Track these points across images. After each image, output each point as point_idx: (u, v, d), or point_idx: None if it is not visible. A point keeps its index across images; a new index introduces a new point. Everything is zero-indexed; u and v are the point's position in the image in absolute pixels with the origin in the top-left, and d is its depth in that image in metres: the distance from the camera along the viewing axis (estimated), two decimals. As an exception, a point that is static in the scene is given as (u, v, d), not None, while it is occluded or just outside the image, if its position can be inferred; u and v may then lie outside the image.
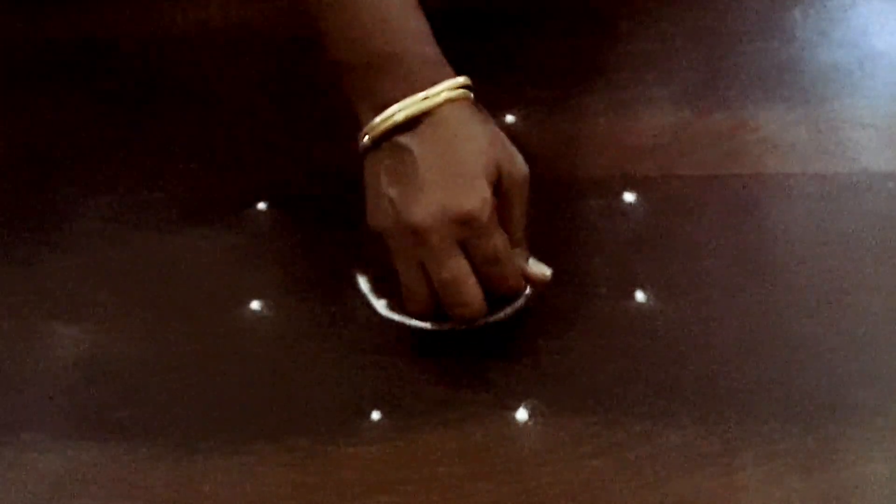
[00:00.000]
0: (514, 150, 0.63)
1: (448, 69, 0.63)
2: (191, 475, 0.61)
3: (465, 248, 0.61)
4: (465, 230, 0.61)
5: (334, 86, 0.65)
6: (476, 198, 0.60)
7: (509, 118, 0.74)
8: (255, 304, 0.67)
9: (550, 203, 0.70)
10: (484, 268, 0.62)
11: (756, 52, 0.77)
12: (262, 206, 0.71)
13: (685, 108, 0.74)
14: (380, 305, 0.66)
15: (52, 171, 0.73)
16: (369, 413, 0.63)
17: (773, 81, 0.75)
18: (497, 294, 0.63)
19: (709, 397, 0.63)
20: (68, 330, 0.66)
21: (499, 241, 0.62)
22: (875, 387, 0.63)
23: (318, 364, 0.65)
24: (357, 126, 0.63)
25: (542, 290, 0.65)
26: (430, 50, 0.63)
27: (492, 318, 0.64)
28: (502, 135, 0.64)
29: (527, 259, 0.65)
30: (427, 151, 0.61)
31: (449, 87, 0.62)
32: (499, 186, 0.62)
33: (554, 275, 0.66)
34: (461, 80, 0.63)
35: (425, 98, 0.61)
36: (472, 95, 0.64)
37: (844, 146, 0.72)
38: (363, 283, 0.67)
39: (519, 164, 0.63)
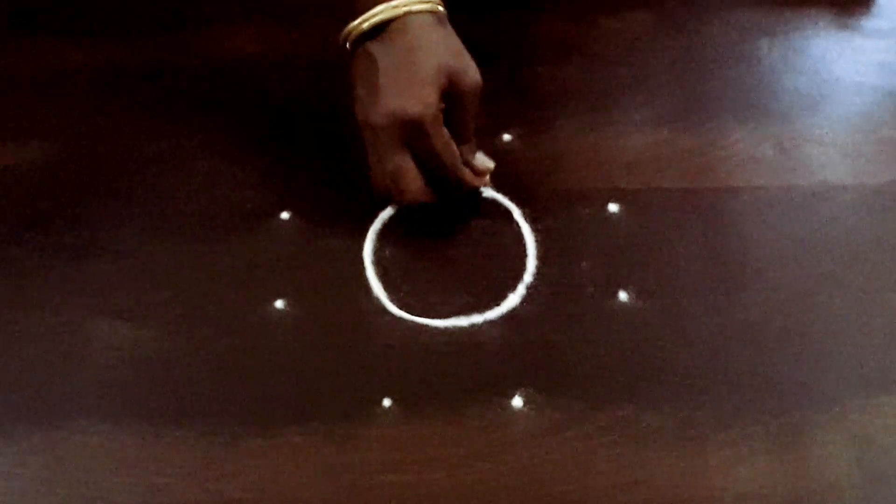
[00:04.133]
0: (469, 62, 0.64)
1: None
2: (221, 456, 0.63)
3: (412, 146, 0.65)
4: (407, 131, 0.63)
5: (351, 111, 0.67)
6: (420, 104, 0.63)
7: (507, 137, 0.75)
8: (278, 303, 0.68)
9: (543, 212, 0.71)
10: (427, 162, 0.65)
11: (727, 78, 0.79)
12: (285, 215, 0.72)
13: (664, 128, 0.76)
14: (391, 304, 0.68)
15: (101, 183, 0.74)
16: (381, 400, 0.64)
17: (743, 104, 0.77)
18: (448, 183, 0.67)
19: (685, 386, 0.64)
20: (114, 326, 0.67)
21: (438, 141, 0.64)
22: (833, 377, 0.65)
23: (336, 356, 0.66)
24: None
25: (484, 181, 0.69)
26: None
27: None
28: (461, 47, 0.65)
29: (474, 154, 0.68)
30: (386, 59, 0.63)
31: (414, 0, 0.63)
32: (451, 93, 0.64)
33: (547, 276, 0.68)
34: None
35: (393, 7, 0.63)
36: (440, 8, 0.64)
37: (805, 161, 0.74)
38: (375, 284, 0.69)
39: (471, 75, 0.64)
